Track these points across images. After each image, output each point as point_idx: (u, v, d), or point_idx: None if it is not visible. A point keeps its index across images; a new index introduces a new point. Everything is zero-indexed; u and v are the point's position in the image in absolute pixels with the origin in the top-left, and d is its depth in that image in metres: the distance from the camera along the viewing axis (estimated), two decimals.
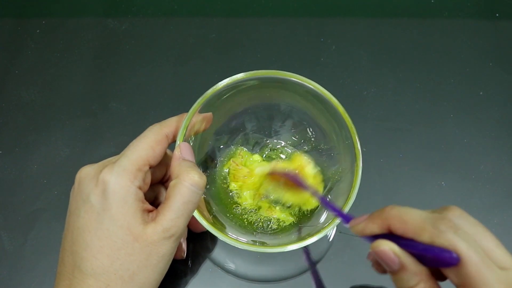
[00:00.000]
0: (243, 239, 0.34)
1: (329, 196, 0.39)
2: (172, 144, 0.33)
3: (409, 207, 0.26)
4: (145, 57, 0.51)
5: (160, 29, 0.53)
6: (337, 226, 0.41)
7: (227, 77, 0.36)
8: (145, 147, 0.31)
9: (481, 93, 0.49)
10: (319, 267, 0.40)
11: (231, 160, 0.41)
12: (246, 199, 0.40)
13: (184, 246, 0.37)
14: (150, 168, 0.32)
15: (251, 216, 0.39)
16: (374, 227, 0.27)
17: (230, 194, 0.40)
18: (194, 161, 0.33)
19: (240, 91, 0.37)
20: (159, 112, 0.48)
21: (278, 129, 0.42)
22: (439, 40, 0.53)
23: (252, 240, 0.36)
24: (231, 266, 0.40)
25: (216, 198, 0.40)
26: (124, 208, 0.29)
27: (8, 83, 0.50)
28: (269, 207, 0.40)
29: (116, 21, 0.54)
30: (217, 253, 0.40)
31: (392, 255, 0.25)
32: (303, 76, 0.36)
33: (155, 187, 0.36)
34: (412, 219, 0.25)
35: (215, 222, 0.35)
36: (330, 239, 0.41)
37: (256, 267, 0.40)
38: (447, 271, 0.24)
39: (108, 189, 0.29)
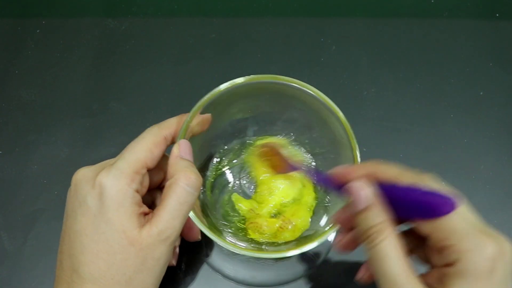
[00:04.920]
0: (242, 244, 0.34)
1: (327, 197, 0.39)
2: (170, 147, 0.33)
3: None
4: (145, 57, 0.51)
5: (160, 29, 0.53)
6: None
7: (227, 77, 0.36)
8: (143, 149, 0.30)
9: (481, 93, 0.49)
10: (318, 268, 0.40)
11: (250, 211, 0.39)
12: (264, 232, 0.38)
13: (176, 251, 0.37)
14: (148, 170, 0.31)
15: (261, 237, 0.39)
16: (358, 171, 0.29)
17: (242, 231, 0.38)
18: (192, 160, 0.32)
19: (240, 95, 0.37)
20: (159, 112, 0.48)
21: (273, 130, 0.42)
22: (439, 40, 0.53)
23: (251, 246, 0.36)
24: (230, 271, 0.39)
25: (214, 207, 0.40)
26: (120, 212, 0.28)
27: (8, 83, 0.50)
28: (282, 231, 0.38)
29: (116, 21, 0.54)
30: (215, 258, 0.40)
31: (366, 191, 0.27)
32: (303, 76, 0.36)
33: (152, 192, 0.35)
34: (393, 167, 0.28)
35: (212, 227, 0.35)
36: (331, 241, 0.41)
37: (255, 272, 0.40)
38: (422, 222, 0.26)
39: (105, 192, 0.28)
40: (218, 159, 0.41)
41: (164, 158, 0.33)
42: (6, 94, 0.49)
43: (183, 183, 0.29)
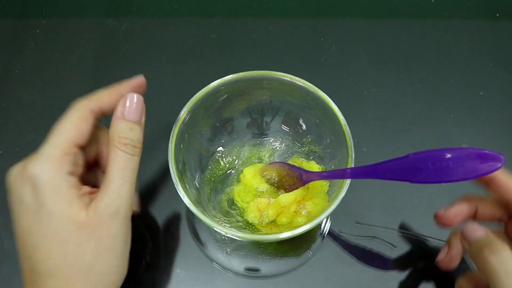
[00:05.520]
0: (239, 233, 0.34)
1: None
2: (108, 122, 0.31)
3: None
4: (145, 57, 0.51)
5: (160, 29, 0.53)
6: (336, 226, 0.41)
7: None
8: (68, 127, 0.28)
9: (481, 93, 0.49)
10: (311, 265, 0.40)
11: (256, 200, 0.39)
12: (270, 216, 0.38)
13: (136, 196, 0.34)
14: (82, 148, 0.29)
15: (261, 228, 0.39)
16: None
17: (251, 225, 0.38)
18: (140, 118, 0.30)
19: (232, 92, 0.37)
20: (159, 112, 0.48)
21: (270, 128, 0.42)
22: (439, 40, 0.53)
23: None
24: (228, 262, 0.39)
25: (212, 205, 0.40)
26: (57, 199, 0.27)
27: (8, 83, 0.50)
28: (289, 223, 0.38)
29: (116, 21, 0.54)
30: (213, 250, 0.40)
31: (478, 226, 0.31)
32: (303, 76, 0.36)
33: (96, 169, 0.33)
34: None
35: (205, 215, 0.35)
36: (325, 233, 0.41)
37: (252, 264, 0.40)
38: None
39: (37, 183, 0.27)
40: (216, 158, 0.41)
41: (100, 130, 0.31)
42: (6, 94, 0.49)
43: (118, 148, 0.28)
